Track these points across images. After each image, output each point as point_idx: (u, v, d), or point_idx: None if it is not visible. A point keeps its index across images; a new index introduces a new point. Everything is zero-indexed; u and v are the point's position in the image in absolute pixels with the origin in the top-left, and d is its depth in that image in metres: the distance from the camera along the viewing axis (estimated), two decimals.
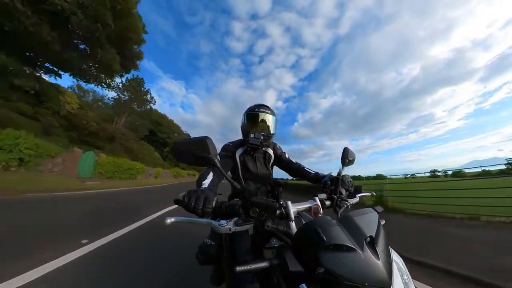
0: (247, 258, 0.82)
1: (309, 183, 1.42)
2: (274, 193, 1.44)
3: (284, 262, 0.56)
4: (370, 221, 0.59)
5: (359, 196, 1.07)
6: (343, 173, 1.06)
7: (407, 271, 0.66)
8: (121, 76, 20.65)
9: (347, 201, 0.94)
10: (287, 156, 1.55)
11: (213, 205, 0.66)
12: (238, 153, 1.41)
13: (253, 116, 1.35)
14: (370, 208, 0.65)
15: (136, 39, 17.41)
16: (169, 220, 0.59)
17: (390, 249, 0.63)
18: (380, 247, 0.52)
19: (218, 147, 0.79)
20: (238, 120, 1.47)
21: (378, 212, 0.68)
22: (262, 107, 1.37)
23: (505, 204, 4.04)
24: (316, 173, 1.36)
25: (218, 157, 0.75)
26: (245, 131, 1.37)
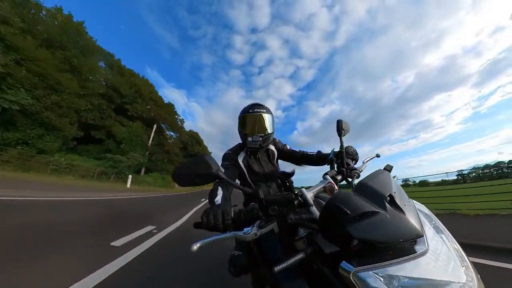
0: (281, 255, 0.81)
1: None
2: (286, 185, 1.44)
3: (318, 247, 0.57)
4: (384, 180, 0.60)
5: (366, 162, 1.08)
6: (344, 144, 1.06)
7: (434, 215, 0.68)
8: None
9: (356, 169, 0.95)
10: (288, 148, 1.54)
11: (232, 215, 0.66)
12: (240, 158, 1.37)
13: (247, 118, 1.29)
14: (381, 169, 0.66)
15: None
16: (195, 246, 0.59)
17: (412, 200, 0.64)
18: (401, 202, 0.53)
19: (220, 154, 0.78)
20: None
21: (389, 170, 0.69)
22: (256, 106, 1.30)
23: None
24: (319, 152, 1.36)
25: (222, 168, 0.75)
26: (242, 134, 1.32)
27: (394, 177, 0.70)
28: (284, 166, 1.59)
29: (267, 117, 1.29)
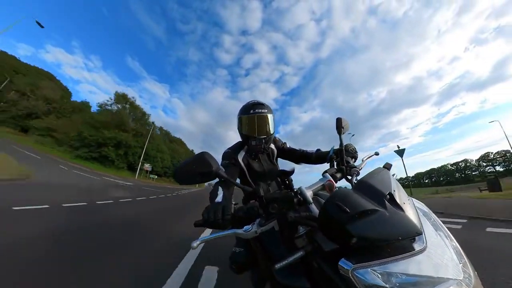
0: (281, 253, 0.82)
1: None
2: (285, 183, 1.44)
3: (318, 245, 0.57)
4: (384, 178, 0.60)
5: (365, 160, 1.08)
6: (344, 142, 1.06)
7: (432, 213, 0.68)
8: None
9: (356, 167, 0.95)
10: (288, 146, 1.52)
11: (232, 211, 0.66)
12: (240, 157, 1.35)
13: (249, 119, 1.23)
14: (380, 167, 0.66)
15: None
16: (195, 244, 0.59)
17: (411, 198, 0.64)
18: (401, 200, 0.53)
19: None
20: (222, 129, 1.46)
21: (388, 169, 0.70)
22: (258, 106, 1.21)
23: None
24: (318, 150, 1.36)
25: (222, 167, 0.75)
26: (243, 136, 1.28)
27: (393, 174, 0.70)
28: (283, 164, 1.59)
29: (269, 118, 1.22)
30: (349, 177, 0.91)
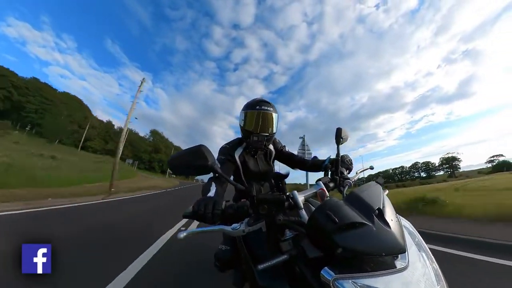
0: (266, 255, 0.82)
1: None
2: (278, 186, 1.44)
3: (303, 251, 0.57)
4: (375, 194, 0.61)
5: (359, 172, 1.09)
6: (341, 152, 1.07)
7: (417, 233, 0.69)
8: None
9: (349, 179, 0.96)
10: (287, 150, 1.52)
11: (222, 207, 0.66)
12: (237, 154, 1.33)
13: (254, 114, 1.22)
14: (373, 182, 0.67)
15: None
16: (182, 235, 0.59)
17: (399, 216, 0.65)
18: (389, 217, 0.54)
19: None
20: (207, 124, 1.45)
21: (380, 184, 0.70)
22: (264, 104, 1.21)
23: None
24: (315, 158, 1.37)
25: (217, 162, 0.74)
26: (245, 131, 1.26)
27: (385, 190, 0.71)
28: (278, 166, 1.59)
29: (274, 117, 1.23)
30: (342, 188, 0.92)
